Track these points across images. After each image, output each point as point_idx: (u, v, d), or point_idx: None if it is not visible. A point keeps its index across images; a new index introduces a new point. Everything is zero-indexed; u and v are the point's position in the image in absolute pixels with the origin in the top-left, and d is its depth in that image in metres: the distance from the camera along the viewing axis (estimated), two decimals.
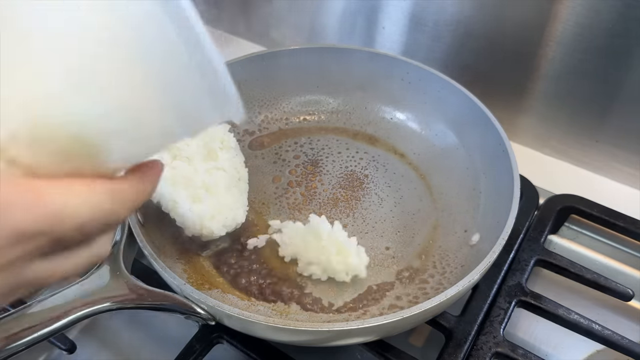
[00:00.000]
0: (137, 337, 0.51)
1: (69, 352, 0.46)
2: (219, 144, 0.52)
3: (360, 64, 0.64)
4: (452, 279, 0.50)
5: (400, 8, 0.68)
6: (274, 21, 0.82)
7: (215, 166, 0.50)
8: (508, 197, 0.48)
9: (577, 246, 0.59)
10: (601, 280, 0.50)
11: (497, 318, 0.48)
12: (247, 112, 0.65)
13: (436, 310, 0.44)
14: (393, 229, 0.56)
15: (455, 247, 0.53)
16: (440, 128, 0.62)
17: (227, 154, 0.52)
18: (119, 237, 0.47)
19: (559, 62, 0.61)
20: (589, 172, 0.67)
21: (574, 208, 0.57)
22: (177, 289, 0.43)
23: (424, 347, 0.50)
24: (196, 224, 0.48)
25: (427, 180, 0.60)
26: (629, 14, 0.54)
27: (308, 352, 0.47)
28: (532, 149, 0.69)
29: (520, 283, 0.50)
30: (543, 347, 0.51)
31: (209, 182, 0.49)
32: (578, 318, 0.48)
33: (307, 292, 0.50)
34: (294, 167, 0.62)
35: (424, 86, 0.62)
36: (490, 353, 0.45)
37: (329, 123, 0.67)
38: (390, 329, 0.42)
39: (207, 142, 0.50)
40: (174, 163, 0.48)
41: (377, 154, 0.63)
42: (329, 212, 0.57)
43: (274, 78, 0.65)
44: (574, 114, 0.64)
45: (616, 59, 0.57)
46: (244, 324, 0.41)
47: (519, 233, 0.54)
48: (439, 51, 0.69)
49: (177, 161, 0.48)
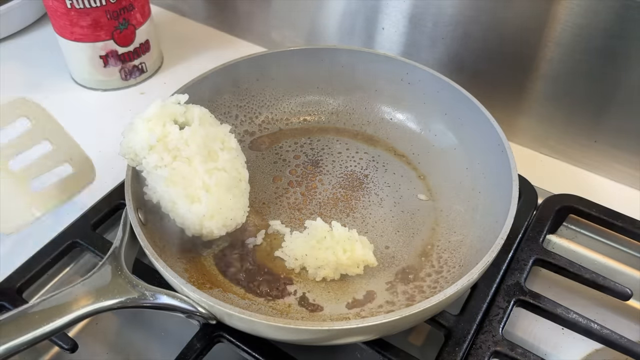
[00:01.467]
0: (138, 336, 0.51)
1: (70, 351, 0.46)
2: (220, 145, 0.52)
3: (360, 64, 0.64)
4: (451, 278, 0.50)
5: (400, 9, 0.68)
6: (275, 22, 0.82)
7: (215, 167, 0.50)
8: (507, 197, 0.48)
9: (576, 246, 0.59)
10: (600, 280, 0.51)
11: (496, 317, 0.48)
12: (248, 112, 0.65)
13: (435, 310, 0.44)
14: (393, 228, 0.56)
15: (454, 246, 0.53)
16: (439, 128, 0.62)
17: (228, 155, 0.52)
18: (121, 236, 0.47)
19: (558, 62, 0.61)
20: (587, 172, 0.67)
21: (572, 208, 0.57)
22: (178, 288, 0.43)
23: (423, 346, 0.50)
24: (195, 224, 0.49)
25: (427, 180, 0.60)
26: (627, 15, 0.54)
27: (308, 350, 0.47)
28: (530, 149, 0.70)
29: (519, 282, 0.50)
30: (542, 346, 0.51)
31: (209, 183, 0.49)
32: (577, 317, 0.48)
33: (307, 291, 0.50)
34: (294, 167, 0.62)
35: (423, 87, 0.62)
36: (490, 352, 0.46)
37: (329, 123, 0.67)
38: (389, 328, 0.42)
39: (207, 142, 0.50)
40: (174, 164, 0.48)
41: (377, 154, 0.63)
42: (328, 212, 0.57)
43: (275, 79, 0.65)
44: (572, 114, 0.64)
45: (614, 60, 0.58)
46: (244, 323, 0.41)
47: (518, 233, 0.54)
48: (439, 52, 0.69)
49: (177, 162, 0.48)
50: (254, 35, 0.86)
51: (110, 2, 0.69)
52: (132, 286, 0.43)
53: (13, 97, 0.53)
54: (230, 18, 0.87)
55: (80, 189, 0.58)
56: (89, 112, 0.75)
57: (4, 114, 0.53)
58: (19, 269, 0.52)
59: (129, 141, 0.48)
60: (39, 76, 0.80)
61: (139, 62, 0.77)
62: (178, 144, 0.48)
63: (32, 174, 0.55)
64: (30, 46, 0.86)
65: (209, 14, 0.90)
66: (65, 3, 0.67)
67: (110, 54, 0.74)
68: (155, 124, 0.48)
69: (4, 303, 0.49)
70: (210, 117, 0.53)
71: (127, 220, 0.48)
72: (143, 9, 0.74)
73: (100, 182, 0.60)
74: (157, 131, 0.48)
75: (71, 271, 0.56)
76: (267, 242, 0.54)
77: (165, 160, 0.47)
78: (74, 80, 0.79)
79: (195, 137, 0.49)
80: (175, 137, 0.48)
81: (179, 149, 0.48)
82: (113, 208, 0.57)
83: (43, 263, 0.52)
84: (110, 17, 0.70)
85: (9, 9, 0.84)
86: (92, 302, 0.42)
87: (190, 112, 0.51)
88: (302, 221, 0.55)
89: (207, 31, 0.90)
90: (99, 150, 0.68)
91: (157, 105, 0.49)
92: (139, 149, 0.48)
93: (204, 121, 0.51)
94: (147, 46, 0.77)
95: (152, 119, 0.48)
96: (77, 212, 0.57)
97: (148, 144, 0.47)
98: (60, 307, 0.41)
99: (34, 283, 0.52)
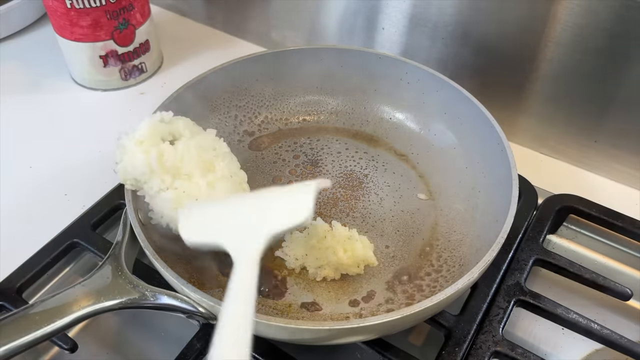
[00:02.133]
0: (138, 336, 0.51)
1: (70, 351, 0.46)
2: (213, 152, 0.50)
3: (360, 64, 0.64)
4: (451, 277, 0.50)
5: (400, 9, 0.68)
6: (274, 22, 0.82)
7: (214, 177, 0.49)
8: (507, 196, 0.48)
9: (576, 246, 0.59)
10: (600, 280, 0.51)
11: (496, 317, 0.48)
12: (247, 112, 0.65)
13: (435, 309, 0.44)
14: (392, 228, 0.56)
15: (454, 245, 0.53)
16: (439, 128, 0.62)
17: (223, 162, 0.51)
18: (121, 237, 0.47)
19: (558, 62, 0.61)
20: (587, 172, 0.67)
21: (572, 208, 0.57)
22: (178, 289, 0.43)
23: (423, 346, 0.50)
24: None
25: (426, 180, 0.60)
26: (627, 15, 0.54)
27: (308, 350, 0.47)
28: (530, 149, 0.70)
29: (519, 282, 0.50)
30: (542, 346, 0.51)
31: (213, 195, 0.48)
32: (577, 317, 0.48)
33: (307, 291, 0.50)
34: (294, 167, 0.62)
35: (423, 86, 0.62)
36: (490, 352, 0.46)
37: (328, 123, 0.67)
38: (389, 328, 0.43)
39: (201, 153, 0.49)
40: (175, 184, 0.47)
41: (377, 153, 0.63)
42: (328, 212, 0.57)
43: (274, 78, 0.65)
44: (572, 114, 0.64)
45: (615, 60, 0.58)
46: None
47: (518, 233, 0.54)
48: (438, 52, 0.69)
49: (178, 181, 0.47)
50: (254, 35, 0.86)
51: (110, 2, 0.69)
52: (133, 286, 0.43)
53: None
54: (230, 18, 0.87)
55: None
56: (88, 112, 0.75)
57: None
58: (19, 269, 0.52)
59: (126, 167, 0.47)
60: (39, 76, 0.80)
61: (139, 62, 0.77)
62: (174, 162, 0.47)
63: None
64: (30, 46, 0.86)
65: (209, 14, 0.90)
66: (65, 3, 0.67)
67: (110, 54, 0.74)
68: (149, 144, 0.47)
69: (4, 303, 0.49)
70: (194, 126, 0.52)
71: (127, 220, 0.47)
72: (143, 9, 0.74)
73: (100, 182, 0.61)
74: (153, 153, 0.46)
75: (71, 271, 0.56)
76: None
77: (166, 182, 0.47)
78: (74, 80, 0.79)
79: (189, 151, 0.48)
80: (171, 156, 0.47)
81: (177, 167, 0.47)
82: (113, 208, 0.57)
83: (43, 263, 0.52)
84: (110, 17, 0.70)
85: (9, 9, 0.84)
86: (93, 302, 0.42)
87: (175, 125, 0.50)
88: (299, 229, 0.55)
89: (207, 31, 0.90)
90: (98, 150, 0.68)
91: (147, 124, 0.48)
92: (138, 174, 0.47)
93: (192, 132, 0.50)
94: (147, 46, 0.77)
95: (144, 140, 0.47)
96: (77, 212, 0.57)
97: (149, 168, 0.46)
98: (61, 307, 0.41)
99: (34, 283, 0.52)
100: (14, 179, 0.65)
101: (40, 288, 0.54)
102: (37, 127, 0.72)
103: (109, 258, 0.45)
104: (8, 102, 0.76)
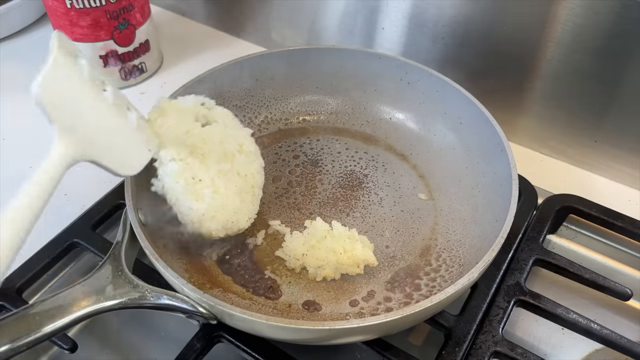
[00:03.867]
0: (138, 336, 0.51)
1: (70, 351, 0.46)
2: (237, 147, 0.52)
3: (360, 64, 0.64)
4: (451, 277, 0.50)
5: (400, 9, 0.68)
6: (274, 22, 0.82)
7: (228, 168, 0.50)
8: (507, 196, 0.48)
9: (576, 246, 0.59)
10: (600, 280, 0.51)
11: (496, 317, 0.48)
12: (247, 112, 0.65)
13: (435, 309, 0.44)
14: (392, 228, 0.56)
15: (454, 245, 0.53)
16: (439, 128, 0.62)
17: (245, 158, 0.52)
18: (121, 237, 0.47)
19: (558, 62, 0.61)
20: (587, 172, 0.67)
21: (572, 208, 0.57)
22: (178, 289, 0.43)
23: (423, 346, 0.50)
24: (195, 222, 0.49)
25: (426, 180, 0.60)
26: (627, 15, 0.54)
27: (309, 350, 0.47)
28: (530, 149, 0.70)
29: (519, 282, 0.50)
30: (542, 346, 0.51)
31: (218, 184, 0.49)
32: (577, 317, 0.48)
33: (307, 291, 0.50)
34: (294, 167, 0.62)
35: (422, 86, 0.62)
36: (490, 352, 0.46)
37: (328, 123, 0.67)
38: (389, 328, 0.43)
39: (224, 142, 0.50)
40: (188, 159, 0.48)
41: (377, 153, 0.63)
42: (328, 212, 0.57)
43: (274, 78, 0.65)
44: (572, 114, 0.64)
45: (614, 60, 0.58)
46: (246, 323, 0.41)
47: (518, 233, 0.54)
48: (438, 52, 0.69)
49: (191, 157, 0.48)
50: (254, 35, 0.86)
51: (110, 2, 0.69)
52: (133, 286, 0.43)
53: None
54: (230, 18, 0.87)
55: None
56: None
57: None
58: (19, 269, 0.52)
59: (154, 123, 0.48)
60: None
61: (139, 62, 0.77)
62: (196, 140, 0.49)
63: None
64: (30, 46, 0.86)
65: (209, 14, 0.90)
66: (65, 3, 0.67)
67: (110, 54, 0.74)
68: (185, 115, 0.49)
69: (4, 303, 0.49)
70: (233, 120, 0.54)
71: (127, 220, 0.47)
72: (143, 8, 0.74)
73: (100, 182, 0.60)
74: (186, 123, 0.49)
75: (71, 271, 0.56)
76: (267, 242, 0.54)
77: (181, 154, 0.48)
78: None
79: (212, 135, 0.50)
80: (195, 133, 0.49)
81: (196, 145, 0.49)
82: (113, 208, 0.57)
83: (43, 263, 0.52)
84: (110, 17, 0.70)
85: (9, 9, 0.84)
86: (93, 302, 0.42)
87: (213, 112, 0.52)
88: (302, 221, 0.55)
89: (207, 31, 0.90)
90: None
91: (191, 99, 0.51)
92: (165, 137, 0.48)
93: (226, 123, 0.52)
94: (147, 46, 0.77)
95: (184, 110, 0.50)
96: (77, 212, 0.57)
97: (176, 135, 0.48)
98: (61, 307, 0.41)
99: (34, 283, 0.52)
100: (14, 179, 0.65)
101: (40, 288, 0.54)
102: (37, 127, 0.72)
103: (109, 258, 0.45)
104: (8, 102, 0.76)
